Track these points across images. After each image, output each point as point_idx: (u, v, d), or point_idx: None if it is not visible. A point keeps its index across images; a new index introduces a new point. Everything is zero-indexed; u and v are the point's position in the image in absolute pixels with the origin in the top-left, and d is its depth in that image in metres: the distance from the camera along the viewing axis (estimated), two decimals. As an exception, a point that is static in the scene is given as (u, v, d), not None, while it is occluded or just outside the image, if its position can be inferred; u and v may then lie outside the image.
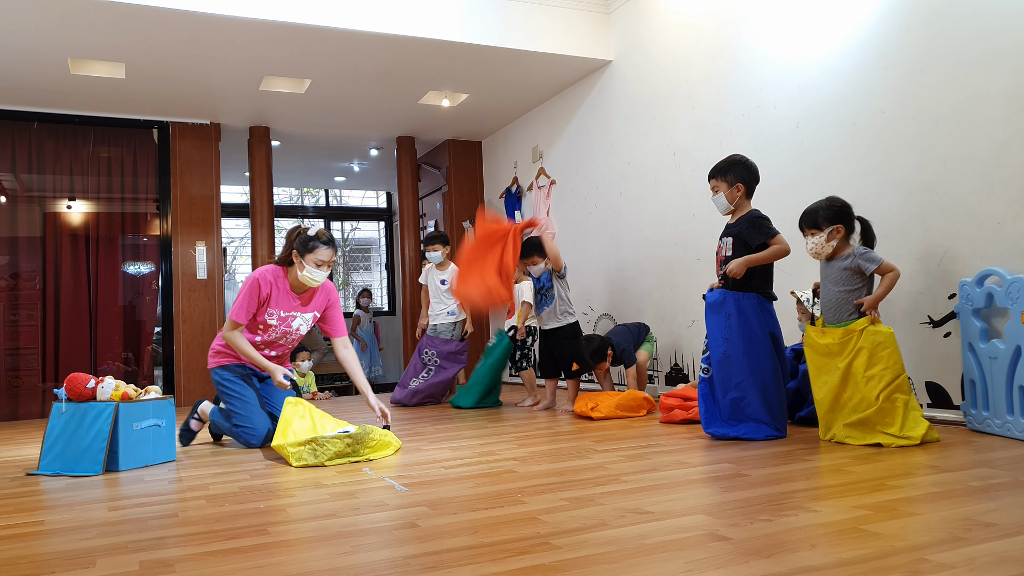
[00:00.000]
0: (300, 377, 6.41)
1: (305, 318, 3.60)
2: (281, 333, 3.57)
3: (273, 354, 3.63)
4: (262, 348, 3.57)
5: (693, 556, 1.51)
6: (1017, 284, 2.81)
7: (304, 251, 3.45)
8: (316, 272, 3.46)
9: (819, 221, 3.02)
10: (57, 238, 5.98)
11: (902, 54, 3.37)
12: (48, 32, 4.41)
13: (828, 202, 3.05)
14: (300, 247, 3.46)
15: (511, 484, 2.32)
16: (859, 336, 2.89)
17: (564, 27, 5.19)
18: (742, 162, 3.29)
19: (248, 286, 3.46)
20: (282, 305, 3.52)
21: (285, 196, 10.30)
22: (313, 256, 3.44)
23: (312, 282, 3.48)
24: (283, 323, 3.54)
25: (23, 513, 2.25)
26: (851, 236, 3.05)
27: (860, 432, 2.84)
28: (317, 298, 3.63)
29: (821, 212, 3.03)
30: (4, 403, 5.67)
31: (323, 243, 3.46)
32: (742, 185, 3.25)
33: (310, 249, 3.44)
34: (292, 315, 3.55)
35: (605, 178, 5.49)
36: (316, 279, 3.47)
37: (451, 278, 5.29)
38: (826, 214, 3.02)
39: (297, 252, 3.46)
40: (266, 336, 3.56)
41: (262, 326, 3.53)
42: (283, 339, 3.61)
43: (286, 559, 1.62)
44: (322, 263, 3.46)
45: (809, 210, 3.08)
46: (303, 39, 4.70)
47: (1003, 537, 1.54)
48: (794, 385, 3.43)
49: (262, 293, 3.46)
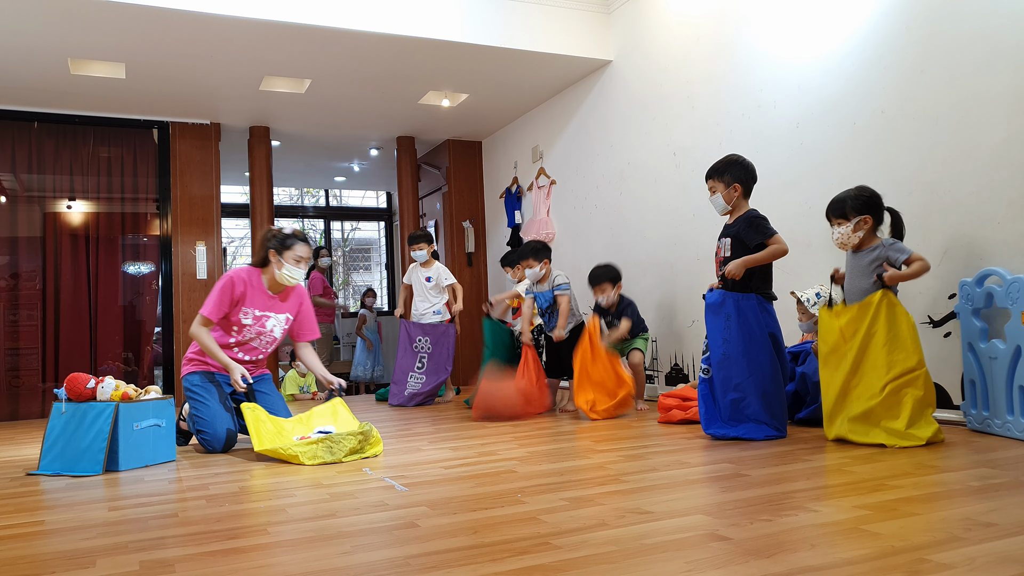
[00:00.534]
0: (301, 377, 6.42)
1: (279, 319, 3.63)
2: (255, 333, 3.57)
3: (247, 358, 3.60)
4: (234, 350, 3.56)
5: (693, 556, 1.51)
6: (1017, 284, 2.81)
7: (282, 249, 3.51)
8: (295, 269, 3.52)
9: (847, 211, 2.97)
10: (57, 238, 5.98)
11: (902, 54, 3.37)
12: (48, 32, 4.41)
13: (857, 191, 2.99)
14: (278, 246, 3.52)
15: (511, 484, 2.32)
16: (875, 312, 2.80)
17: (564, 27, 5.19)
18: (739, 162, 3.28)
19: (222, 284, 3.48)
20: (257, 304, 3.54)
21: (285, 196, 10.30)
22: (292, 253, 3.51)
23: (291, 280, 3.54)
24: (257, 323, 3.56)
25: (23, 513, 2.25)
26: (879, 228, 2.99)
27: (863, 427, 2.80)
28: (291, 299, 3.67)
29: (849, 202, 2.97)
30: (4, 403, 5.67)
31: (300, 240, 3.55)
32: (739, 185, 3.24)
33: (288, 246, 3.51)
34: (267, 315, 3.58)
35: (605, 178, 5.49)
36: (295, 276, 3.54)
37: (436, 276, 5.33)
38: (854, 204, 2.95)
39: (275, 251, 3.52)
40: (240, 336, 3.55)
41: (236, 326, 3.53)
42: (257, 340, 3.59)
43: (286, 559, 1.62)
44: (300, 259, 3.54)
45: (837, 199, 3.02)
46: (303, 39, 4.70)
47: (1003, 537, 1.54)
48: (792, 388, 3.42)
49: (236, 291, 3.48)
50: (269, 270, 3.56)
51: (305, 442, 3.04)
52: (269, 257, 3.54)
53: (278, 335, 3.65)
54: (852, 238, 2.97)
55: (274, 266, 3.53)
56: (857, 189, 3.01)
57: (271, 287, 3.58)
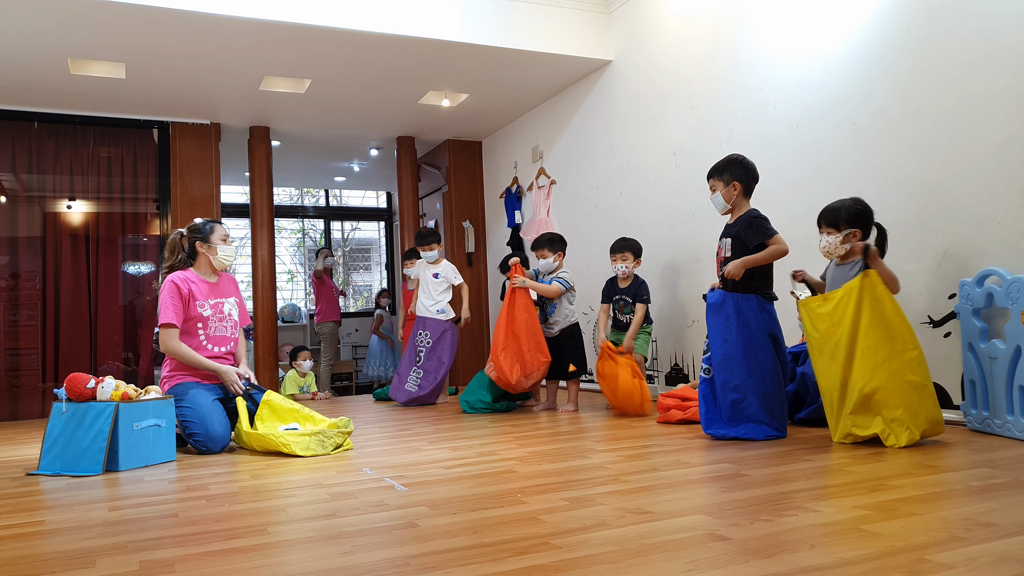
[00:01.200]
0: (301, 377, 6.42)
1: (231, 301, 3.73)
2: (219, 320, 3.64)
3: (223, 349, 3.65)
4: (208, 347, 3.59)
5: (693, 556, 1.51)
6: (1017, 284, 2.81)
7: (208, 235, 3.64)
8: (227, 248, 3.67)
9: (839, 221, 2.99)
10: (57, 238, 5.98)
11: (902, 54, 3.37)
12: (48, 32, 4.41)
13: (852, 202, 3.00)
14: (201, 236, 3.65)
15: (511, 484, 2.32)
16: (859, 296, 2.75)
17: (564, 27, 5.19)
18: (739, 161, 3.28)
19: (168, 290, 3.52)
20: (205, 294, 3.62)
21: (285, 196, 10.30)
22: (216, 235, 3.66)
23: (228, 259, 3.68)
24: (216, 309, 3.64)
25: (23, 513, 2.25)
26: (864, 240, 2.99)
27: (865, 419, 2.75)
28: (229, 284, 3.77)
29: (843, 212, 2.99)
30: (4, 403, 5.67)
31: (216, 222, 3.70)
32: (739, 184, 3.24)
33: (210, 231, 3.66)
34: (220, 301, 3.67)
35: (605, 178, 5.49)
36: (230, 254, 3.68)
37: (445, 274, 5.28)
38: (847, 215, 2.98)
39: (201, 242, 3.64)
40: (207, 330, 3.59)
41: (200, 321, 3.57)
42: (223, 325, 3.65)
43: (286, 559, 1.62)
44: (227, 236, 3.69)
45: (831, 207, 3.03)
46: (303, 39, 4.70)
47: (1003, 537, 1.54)
48: (793, 388, 3.42)
49: (183, 291, 3.53)
50: (200, 263, 3.66)
51: (296, 433, 3.17)
52: (197, 249, 3.65)
53: (237, 317, 3.74)
54: (839, 249, 3.00)
55: (206, 255, 3.64)
56: (852, 200, 3.02)
57: (208, 276, 3.68)
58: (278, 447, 3.15)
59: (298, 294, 10.46)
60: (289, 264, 10.50)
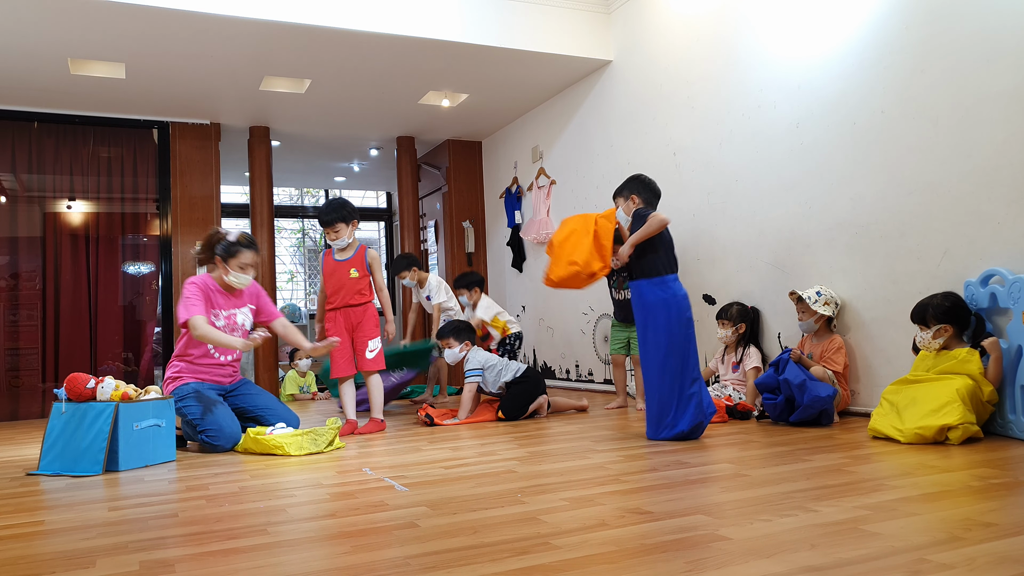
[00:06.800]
0: (300, 377, 6.42)
1: (244, 311, 3.74)
2: (229, 330, 3.66)
3: (230, 358, 3.69)
4: (216, 356, 3.63)
5: (693, 556, 1.50)
6: (1019, 284, 2.81)
7: (227, 256, 3.61)
8: (241, 276, 3.63)
9: (927, 318, 3.04)
10: (57, 238, 5.98)
11: (902, 54, 3.37)
12: (48, 32, 4.41)
13: (941, 298, 3.05)
14: (223, 253, 3.62)
15: (511, 484, 2.32)
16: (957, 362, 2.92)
17: (564, 27, 5.19)
18: (637, 178, 3.55)
19: (190, 291, 3.53)
20: (222, 305, 3.64)
21: (285, 196, 10.30)
22: (236, 260, 3.62)
23: (238, 285, 3.65)
24: (229, 320, 3.66)
25: (23, 513, 2.25)
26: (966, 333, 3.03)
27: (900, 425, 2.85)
28: (247, 291, 3.77)
29: (930, 310, 3.04)
30: (4, 403, 5.67)
31: (244, 247, 3.63)
32: (636, 196, 3.45)
33: (232, 254, 3.61)
34: (233, 312, 3.68)
35: (605, 178, 5.48)
36: (242, 282, 3.65)
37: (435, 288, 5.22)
38: (935, 312, 3.02)
39: (220, 258, 3.62)
40: None
41: None
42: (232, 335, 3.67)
43: (286, 559, 1.62)
44: (246, 266, 3.64)
45: (920, 304, 3.09)
46: (303, 39, 4.70)
47: (1003, 537, 1.54)
48: (781, 399, 3.40)
49: (205, 293, 3.56)
50: (217, 271, 3.66)
51: (289, 434, 3.20)
52: (216, 260, 3.64)
53: (248, 326, 3.76)
54: (933, 344, 3.03)
55: (220, 270, 3.63)
56: (942, 296, 3.06)
57: (224, 287, 3.68)
58: (271, 449, 3.18)
59: (298, 294, 10.46)
60: (289, 264, 10.50)
